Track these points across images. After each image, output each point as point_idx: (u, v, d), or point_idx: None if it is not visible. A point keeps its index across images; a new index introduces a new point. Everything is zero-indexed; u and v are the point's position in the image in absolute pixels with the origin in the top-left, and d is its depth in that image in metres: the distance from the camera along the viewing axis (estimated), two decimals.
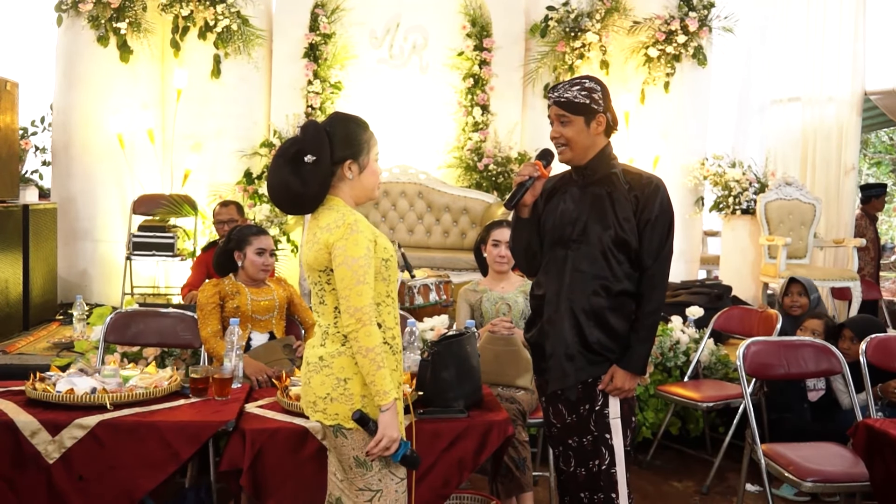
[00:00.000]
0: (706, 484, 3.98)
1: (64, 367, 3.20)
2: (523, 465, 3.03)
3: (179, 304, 4.91)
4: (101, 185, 6.37)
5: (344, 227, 2.10)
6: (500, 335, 3.30)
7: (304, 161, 2.12)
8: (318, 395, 2.14)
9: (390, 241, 2.27)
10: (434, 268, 5.50)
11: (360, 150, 2.20)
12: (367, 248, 2.11)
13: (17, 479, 2.48)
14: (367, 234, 2.12)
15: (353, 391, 2.11)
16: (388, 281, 2.20)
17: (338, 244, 2.09)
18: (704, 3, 6.84)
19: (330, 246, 2.10)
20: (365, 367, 2.06)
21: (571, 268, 2.46)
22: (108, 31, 6.20)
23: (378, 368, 2.05)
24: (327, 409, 2.13)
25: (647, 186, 2.46)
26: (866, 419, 2.96)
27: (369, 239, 2.12)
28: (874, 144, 14.28)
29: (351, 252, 2.08)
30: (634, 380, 2.46)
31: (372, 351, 2.05)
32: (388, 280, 2.19)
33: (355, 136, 2.20)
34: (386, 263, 2.18)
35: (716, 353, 4.58)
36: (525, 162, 2.67)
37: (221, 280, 3.51)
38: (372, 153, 2.23)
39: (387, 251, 2.19)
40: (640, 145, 6.84)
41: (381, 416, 2.07)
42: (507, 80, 6.94)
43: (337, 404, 2.12)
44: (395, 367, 2.18)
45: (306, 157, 2.12)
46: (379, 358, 2.06)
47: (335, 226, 2.11)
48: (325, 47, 6.73)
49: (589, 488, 2.47)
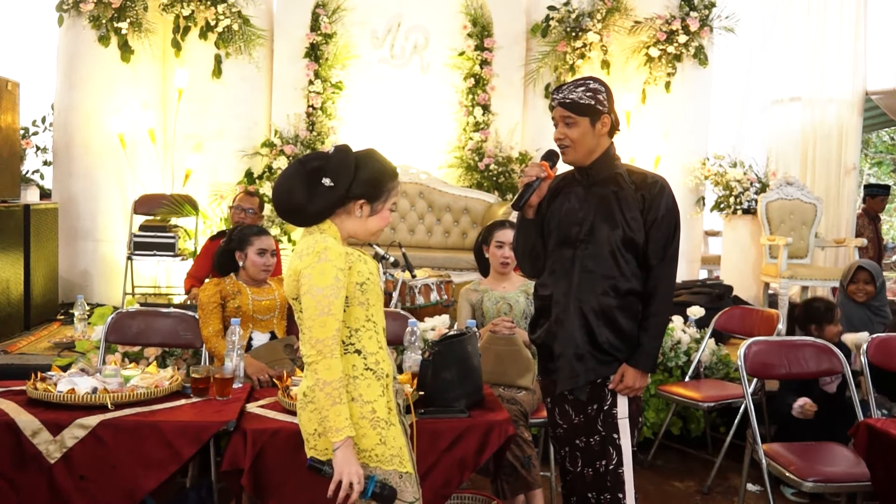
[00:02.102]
0: (707, 484, 3.98)
1: (65, 367, 3.19)
2: (529, 463, 3.04)
3: (180, 304, 4.90)
4: (103, 185, 6.37)
5: (312, 254, 2.04)
6: (501, 335, 3.30)
7: (320, 181, 2.08)
8: (307, 432, 2.11)
9: (372, 260, 2.19)
10: (435, 267, 5.50)
11: (379, 196, 2.16)
12: (336, 277, 2.03)
13: (18, 478, 2.48)
14: (335, 263, 2.03)
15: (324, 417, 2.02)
16: (367, 305, 2.11)
17: (304, 272, 2.04)
18: (705, 2, 6.84)
19: (298, 273, 2.06)
20: (320, 400, 1.98)
21: (580, 268, 2.46)
22: (109, 30, 6.20)
23: (333, 404, 1.97)
24: (317, 445, 2.10)
25: (654, 186, 2.47)
26: (867, 419, 2.95)
27: (339, 268, 2.04)
28: (875, 144, 14.27)
29: (316, 281, 2.02)
30: (645, 378, 2.47)
31: (329, 385, 1.98)
32: (366, 304, 2.11)
33: (380, 181, 2.16)
34: (361, 287, 2.09)
35: (717, 353, 4.58)
36: (529, 162, 2.66)
37: (223, 280, 3.51)
38: (389, 202, 2.19)
39: (361, 274, 2.10)
40: (641, 145, 6.84)
41: (335, 454, 1.99)
42: (508, 80, 6.94)
43: (325, 440, 2.07)
44: (382, 392, 2.10)
45: (324, 178, 2.08)
46: (336, 393, 1.98)
47: (306, 252, 2.06)
48: (326, 47, 6.73)
49: (596, 488, 2.47)
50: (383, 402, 2.10)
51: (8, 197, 5.39)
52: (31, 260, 5.44)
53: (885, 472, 2.73)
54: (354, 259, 2.11)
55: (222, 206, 6.26)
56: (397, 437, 2.11)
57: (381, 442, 2.07)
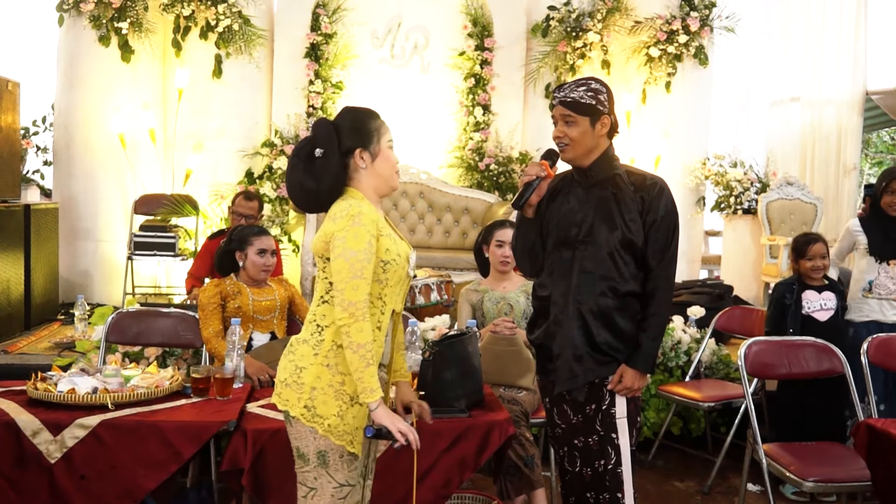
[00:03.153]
0: (708, 484, 3.98)
1: (65, 367, 3.19)
2: (531, 462, 3.04)
3: (181, 303, 4.90)
4: (103, 185, 6.38)
5: (346, 217, 2.05)
6: (501, 335, 3.30)
7: (315, 157, 2.11)
8: (279, 379, 2.14)
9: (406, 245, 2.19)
10: (435, 267, 5.50)
11: (370, 138, 2.16)
12: (369, 242, 2.04)
13: (18, 478, 2.48)
14: (369, 228, 2.05)
15: (305, 381, 2.07)
16: (385, 283, 2.12)
17: (338, 234, 2.04)
18: (706, 2, 6.84)
19: (330, 235, 2.07)
20: (354, 363, 2.00)
21: (578, 269, 2.46)
22: (109, 30, 6.20)
23: (367, 366, 1.99)
24: (282, 393, 2.11)
25: (653, 188, 2.47)
26: (868, 419, 2.95)
27: (371, 233, 2.05)
28: (875, 144, 14.26)
29: (350, 244, 2.03)
30: (644, 379, 2.47)
31: (363, 347, 1.99)
32: (384, 283, 2.12)
33: (363, 125, 2.17)
34: (385, 266, 2.10)
35: (717, 353, 4.58)
36: (530, 161, 2.66)
37: (223, 280, 3.51)
38: (383, 141, 2.18)
39: (389, 253, 2.10)
40: (641, 145, 6.84)
41: (376, 414, 2.02)
42: (508, 80, 6.94)
43: (289, 391, 2.09)
44: None
45: (315, 151, 2.11)
46: (369, 355, 2.00)
47: (339, 216, 2.07)
48: (327, 47, 6.73)
49: (595, 488, 2.47)
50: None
51: (8, 197, 5.39)
52: (31, 260, 5.44)
53: (886, 472, 2.73)
54: (386, 235, 2.12)
55: (222, 206, 6.26)
56: (358, 419, 2.09)
57: (338, 415, 2.06)
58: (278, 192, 6.43)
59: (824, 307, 3.90)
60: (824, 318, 3.89)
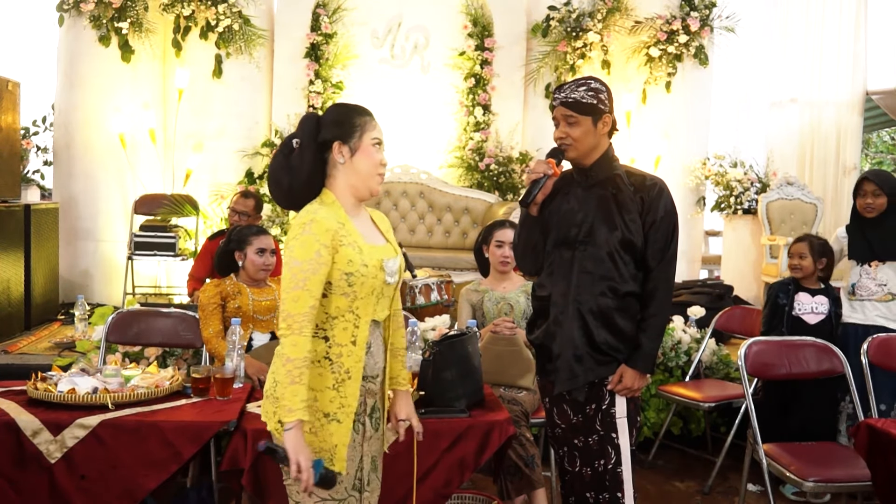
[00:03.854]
0: (708, 484, 3.98)
1: (65, 367, 3.19)
2: (532, 462, 3.04)
3: (181, 303, 4.90)
4: (103, 185, 6.38)
5: (298, 225, 1.96)
6: (502, 335, 3.30)
7: (293, 148, 2.03)
8: (265, 390, 2.08)
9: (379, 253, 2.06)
10: (435, 267, 5.50)
11: (351, 132, 2.05)
12: (318, 252, 1.93)
13: (19, 478, 2.48)
14: (319, 238, 1.94)
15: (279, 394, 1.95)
16: (352, 296, 2.00)
17: (288, 243, 1.98)
18: (706, 2, 6.84)
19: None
20: (280, 376, 1.91)
21: (578, 269, 2.46)
22: (109, 30, 6.21)
23: (291, 382, 1.89)
24: (263, 405, 2.06)
25: (652, 188, 2.47)
26: (868, 419, 2.95)
27: (322, 243, 1.94)
28: (875, 144, 14.26)
29: (296, 254, 1.94)
30: (644, 379, 2.47)
31: (291, 362, 1.90)
32: (351, 296, 2.00)
33: (346, 118, 2.07)
34: (348, 279, 1.98)
35: (717, 353, 4.58)
36: (535, 159, 2.65)
37: (223, 280, 3.51)
38: (366, 137, 2.06)
39: (352, 264, 1.98)
40: (641, 145, 6.84)
41: (285, 436, 1.89)
42: (508, 80, 6.94)
43: (268, 403, 2.03)
44: (334, 386, 2.00)
45: (293, 141, 2.04)
46: (297, 372, 1.89)
47: (294, 222, 1.99)
48: (327, 47, 6.73)
49: (594, 488, 2.47)
50: (331, 396, 2.00)
51: (8, 197, 5.39)
52: (31, 260, 5.44)
53: (886, 472, 2.73)
54: (348, 244, 2.00)
55: (223, 206, 6.27)
56: (336, 436, 2.00)
57: (311, 432, 2.00)
58: None
59: (815, 310, 3.87)
60: (813, 322, 3.85)
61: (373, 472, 2.17)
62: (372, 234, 2.13)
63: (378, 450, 2.19)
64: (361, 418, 2.10)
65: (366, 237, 2.08)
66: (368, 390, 2.11)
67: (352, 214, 2.08)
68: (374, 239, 2.12)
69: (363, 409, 2.11)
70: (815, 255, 3.88)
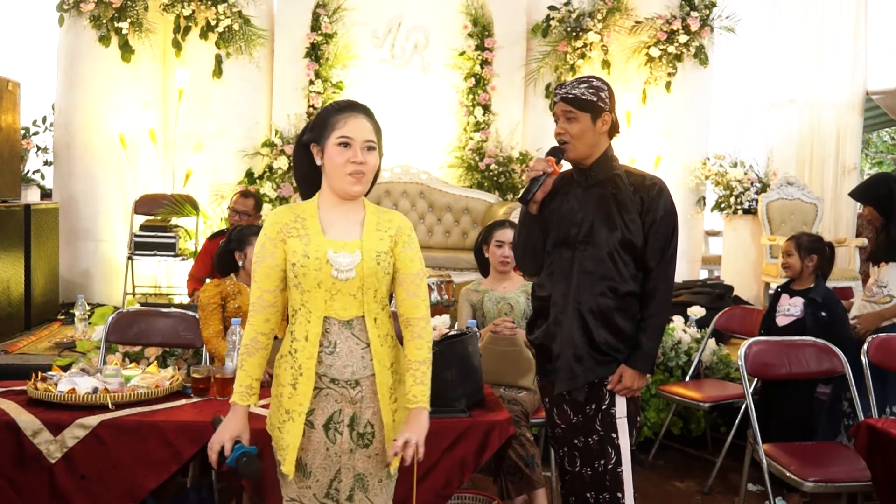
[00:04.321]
0: (708, 484, 3.98)
1: (66, 367, 3.19)
2: (532, 462, 3.04)
3: (181, 303, 4.90)
4: (103, 185, 6.38)
5: None
6: (502, 335, 3.30)
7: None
8: None
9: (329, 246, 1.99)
10: (436, 267, 5.50)
11: (322, 134, 2.01)
12: (263, 245, 2.02)
13: (19, 478, 2.48)
14: (267, 231, 2.02)
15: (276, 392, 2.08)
16: (300, 289, 1.99)
17: None
18: (706, 2, 6.84)
19: None
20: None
21: (579, 269, 2.46)
22: (109, 30, 6.20)
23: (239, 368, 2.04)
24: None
25: (652, 188, 2.47)
26: (868, 419, 2.95)
27: (268, 236, 2.01)
28: (876, 144, 14.26)
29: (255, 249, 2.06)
30: (643, 379, 2.47)
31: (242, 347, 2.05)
32: (299, 288, 1.99)
33: (322, 118, 2.03)
34: (294, 269, 1.98)
35: (717, 353, 4.58)
36: (535, 158, 2.66)
37: (223, 280, 3.51)
38: (332, 137, 1.98)
39: (295, 254, 1.98)
40: (641, 145, 6.84)
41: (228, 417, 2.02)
42: (508, 80, 6.94)
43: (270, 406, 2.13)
44: (291, 381, 2.00)
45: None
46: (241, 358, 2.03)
47: None
48: (327, 47, 6.73)
49: (595, 488, 2.47)
50: (290, 393, 2.01)
51: (8, 197, 5.39)
52: (31, 260, 5.44)
53: (886, 472, 2.73)
54: (297, 236, 2.00)
55: (223, 206, 6.27)
56: (290, 435, 2.00)
57: (278, 427, 2.05)
58: (278, 192, 6.44)
59: (787, 313, 3.78)
60: (782, 324, 3.77)
61: (360, 490, 2.05)
62: (342, 229, 2.03)
63: (369, 469, 2.06)
64: (339, 426, 2.02)
65: (327, 231, 2.02)
66: (344, 396, 2.02)
67: (327, 209, 2.05)
68: (341, 234, 2.02)
69: (340, 418, 2.02)
70: (803, 252, 3.83)
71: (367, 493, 2.07)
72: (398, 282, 2.08)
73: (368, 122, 2.03)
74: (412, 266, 2.07)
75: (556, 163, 2.47)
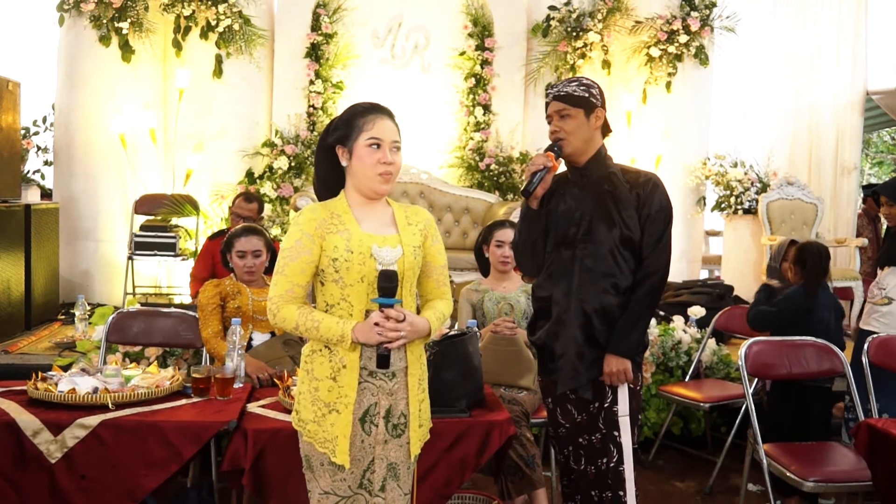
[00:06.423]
0: (708, 484, 3.98)
1: (66, 367, 3.19)
2: (532, 462, 3.04)
3: (182, 304, 4.90)
4: (103, 185, 6.38)
5: (292, 220, 2.10)
6: (502, 335, 3.30)
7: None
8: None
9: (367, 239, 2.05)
10: None
11: (349, 135, 2.07)
12: (298, 241, 2.03)
13: (19, 478, 2.48)
14: (302, 227, 2.04)
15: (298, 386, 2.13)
16: (341, 283, 2.03)
17: None
18: (706, 2, 6.84)
19: None
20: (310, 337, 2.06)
21: (580, 267, 2.47)
22: (109, 30, 6.20)
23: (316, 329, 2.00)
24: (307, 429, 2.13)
25: (647, 184, 2.50)
26: (868, 419, 2.95)
27: (304, 232, 2.03)
28: (876, 144, 14.26)
29: (284, 242, 2.08)
30: (624, 362, 2.45)
31: (299, 327, 2.03)
32: (340, 283, 2.04)
33: (349, 119, 2.09)
34: (334, 264, 2.02)
35: (717, 353, 4.58)
36: (536, 154, 2.67)
37: (222, 280, 3.51)
38: (362, 139, 2.06)
39: (337, 250, 2.02)
40: (642, 145, 6.83)
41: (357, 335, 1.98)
42: (508, 80, 6.94)
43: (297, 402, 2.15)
44: (331, 374, 2.05)
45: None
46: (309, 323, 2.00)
47: None
48: (327, 47, 6.73)
49: (598, 486, 2.48)
50: (330, 386, 2.05)
51: (9, 197, 5.39)
52: (31, 260, 5.44)
53: (886, 472, 2.73)
54: (336, 232, 2.04)
55: (223, 206, 6.27)
56: (336, 426, 2.04)
57: (315, 421, 2.07)
58: (279, 192, 6.44)
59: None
60: None
61: (392, 479, 2.11)
62: (377, 225, 2.11)
63: (400, 458, 2.12)
64: (374, 419, 2.07)
65: (364, 226, 2.08)
66: (381, 389, 2.08)
67: (357, 207, 2.12)
68: (378, 229, 2.10)
69: (376, 410, 2.07)
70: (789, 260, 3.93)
71: (399, 482, 2.12)
72: (426, 273, 2.20)
73: (393, 124, 2.14)
74: (440, 258, 2.24)
75: (555, 158, 2.48)
